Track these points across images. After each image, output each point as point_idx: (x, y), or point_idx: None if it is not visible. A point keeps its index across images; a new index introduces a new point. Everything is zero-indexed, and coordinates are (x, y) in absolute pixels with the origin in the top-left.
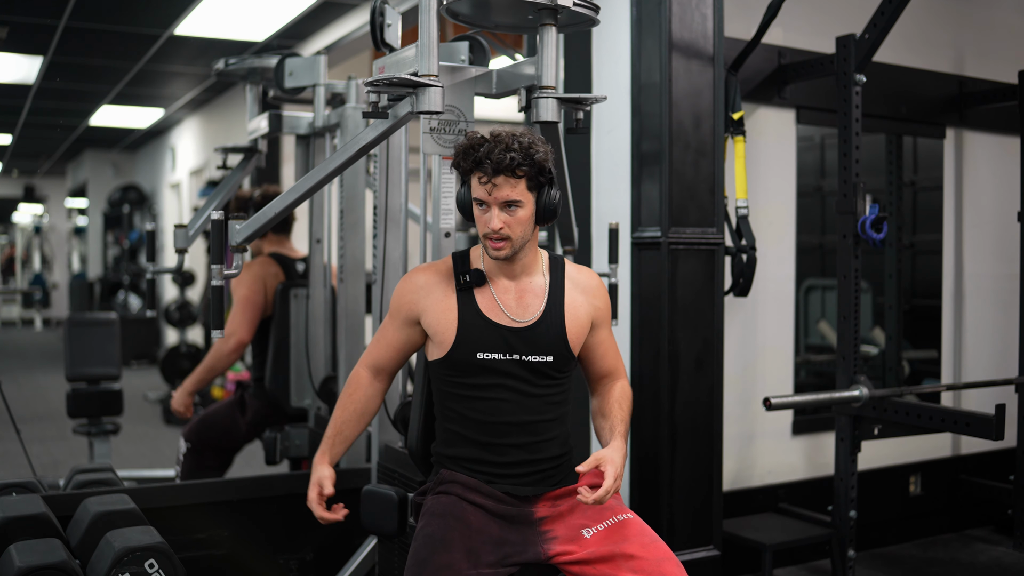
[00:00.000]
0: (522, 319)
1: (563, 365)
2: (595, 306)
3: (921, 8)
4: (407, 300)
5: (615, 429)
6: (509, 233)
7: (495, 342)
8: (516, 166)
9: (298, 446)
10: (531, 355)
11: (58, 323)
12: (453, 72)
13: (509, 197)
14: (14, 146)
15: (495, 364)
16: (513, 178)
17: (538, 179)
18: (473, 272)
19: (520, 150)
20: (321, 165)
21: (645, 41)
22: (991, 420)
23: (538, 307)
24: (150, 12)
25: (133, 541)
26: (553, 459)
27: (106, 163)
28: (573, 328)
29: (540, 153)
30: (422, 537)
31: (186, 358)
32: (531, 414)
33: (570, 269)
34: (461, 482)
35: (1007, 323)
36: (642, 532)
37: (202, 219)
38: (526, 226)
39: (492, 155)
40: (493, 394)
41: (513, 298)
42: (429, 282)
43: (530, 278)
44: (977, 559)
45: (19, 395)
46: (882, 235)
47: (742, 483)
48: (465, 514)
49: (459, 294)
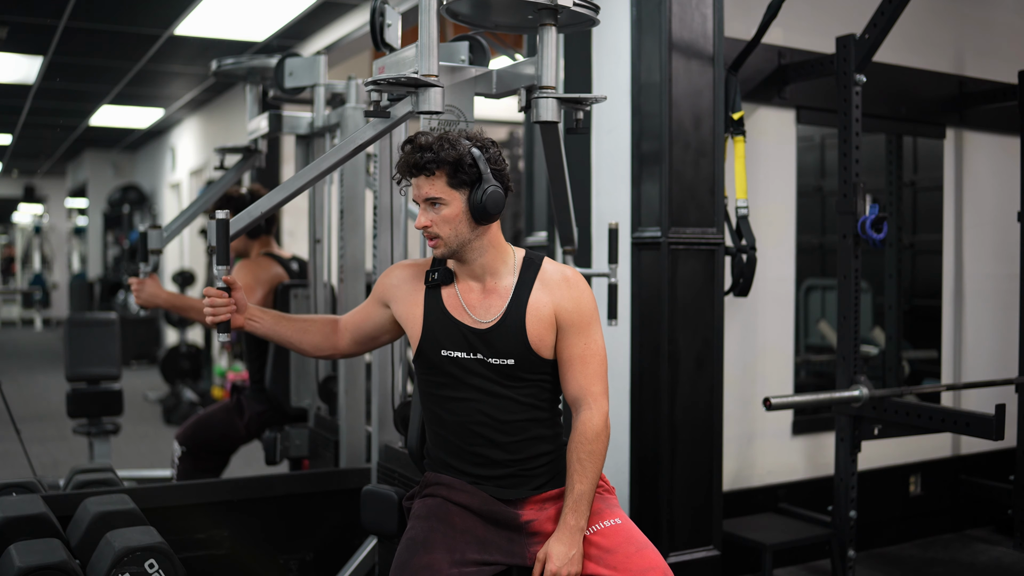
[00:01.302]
0: (483, 320)
1: (529, 367)
2: (558, 304)
3: (921, 8)
4: (382, 284)
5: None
6: (437, 231)
7: (458, 340)
8: (425, 164)
9: (298, 446)
10: (492, 357)
11: (58, 323)
12: (453, 72)
13: (429, 195)
14: (14, 146)
15: (461, 362)
16: (429, 176)
17: (459, 176)
18: (442, 270)
19: (432, 148)
20: (314, 163)
21: (645, 41)
22: (991, 420)
23: (500, 308)
24: (150, 12)
25: (133, 541)
26: (536, 458)
27: (106, 163)
28: (535, 329)
29: (453, 150)
30: (405, 541)
31: (186, 358)
32: (504, 413)
33: (546, 268)
34: (445, 483)
35: (1007, 323)
36: (628, 540)
37: (183, 219)
38: (455, 225)
39: (408, 157)
40: (463, 394)
41: (476, 298)
42: (405, 276)
43: (496, 279)
44: (977, 559)
45: (19, 395)
46: (882, 235)
47: (742, 483)
48: (449, 515)
49: (427, 291)
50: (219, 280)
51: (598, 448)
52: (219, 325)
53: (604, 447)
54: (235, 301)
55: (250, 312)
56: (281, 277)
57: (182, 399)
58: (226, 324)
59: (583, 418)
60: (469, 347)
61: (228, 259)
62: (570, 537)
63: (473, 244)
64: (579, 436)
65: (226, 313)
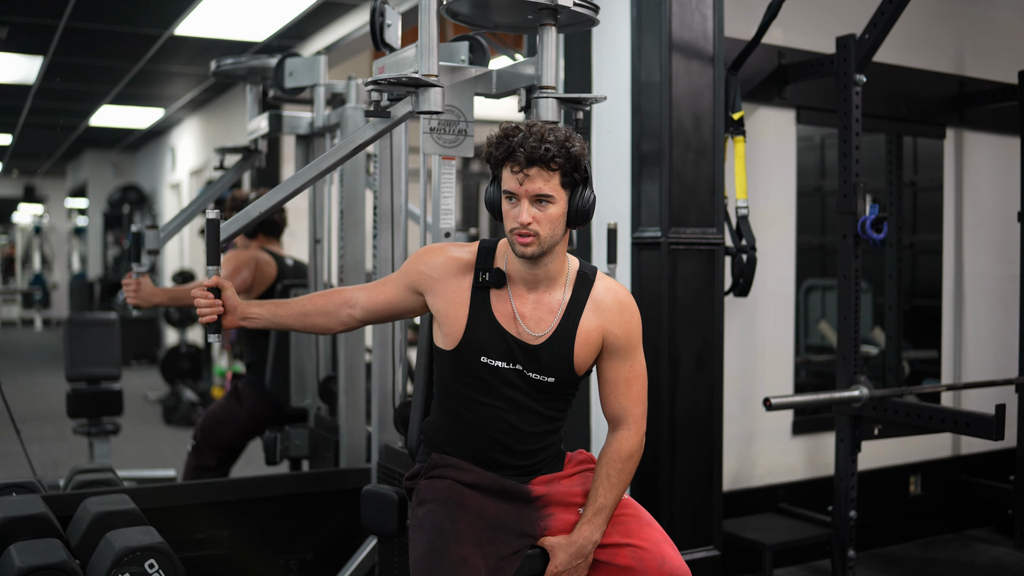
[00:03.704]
0: (532, 334)
1: (566, 386)
2: (608, 330)
3: (921, 8)
4: (417, 270)
5: (588, 504)
6: (538, 229)
7: (501, 349)
8: (551, 158)
9: (298, 446)
10: (533, 372)
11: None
12: (453, 72)
13: (541, 191)
14: (14, 146)
15: (499, 371)
16: (547, 171)
17: (573, 175)
18: (494, 272)
19: (556, 142)
20: (314, 163)
21: (645, 41)
22: (991, 420)
23: (550, 323)
24: (150, 12)
25: (133, 541)
26: (541, 460)
27: (106, 163)
28: (582, 353)
29: (576, 147)
30: (429, 525)
31: (186, 358)
32: (527, 425)
33: (598, 286)
34: (454, 464)
35: (1007, 323)
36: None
37: (181, 219)
38: (556, 225)
39: (526, 144)
40: (491, 401)
41: (529, 309)
42: (447, 268)
43: (551, 291)
44: (977, 559)
45: (19, 395)
46: (882, 235)
47: (742, 483)
48: (464, 498)
49: (474, 290)
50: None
51: (629, 468)
52: (208, 326)
53: (635, 468)
54: (224, 302)
55: (244, 310)
56: (267, 262)
57: (182, 399)
58: (215, 325)
59: (621, 437)
60: (512, 358)
61: (219, 260)
62: (578, 549)
63: (555, 248)
64: (613, 454)
65: (212, 314)
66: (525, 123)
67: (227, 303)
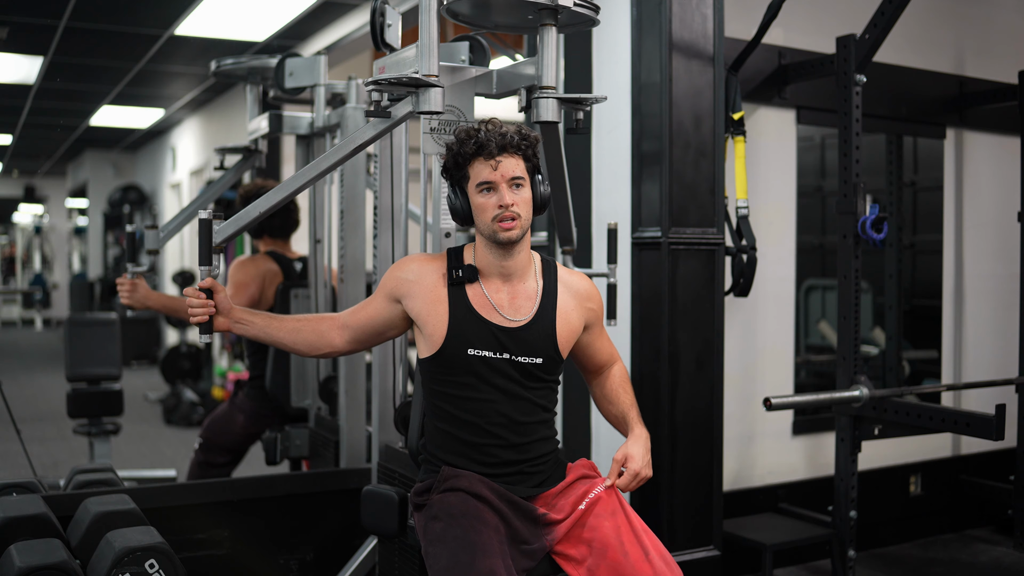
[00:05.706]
0: (514, 319)
1: (552, 368)
2: (588, 309)
3: (921, 8)
4: (394, 277)
5: (628, 416)
6: (519, 211)
7: (486, 339)
8: (517, 143)
9: (298, 446)
10: (521, 355)
11: (58, 323)
12: (453, 72)
13: (515, 173)
14: (14, 146)
15: (486, 361)
16: (515, 155)
17: (533, 160)
18: (466, 268)
19: (515, 130)
20: (314, 163)
21: (645, 41)
22: (991, 420)
23: (530, 309)
24: (150, 12)
25: (133, 541)
26: (539, 458)
27: (106, 163)
28: (564, 332)
29: (532, 134)
30: (452, 539)
31: (186, 358)
32: (521, 415)
33: (562, 272)
34: (464, 477)
35: (1007, 323)
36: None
37: (180, 219)
38: (530, 208)
39: (492, 135)
40: (483, 394)
41: (506, 299)
42: (421, 271)
43: (523, 280)
44: (977, 559)
45: (19, 395)
46: (882, 235)
47: (742, 483)
48: (480, 512)
49: (450, 288)
50: (201, 281)
51: (629, 382)
52: (200, 326)
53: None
54: (216, 303)
55: (238, 315)
56: (275, 274)
57: (182, 399)
58: (207, 325)
59: (616, 367)
60: (499, 346)
61: (210, 260)
62: (644, 443)
63: (526, 236)
64: (617, 375)
65: (204, 315)
66: (478, 121)
67: (219, 305)
